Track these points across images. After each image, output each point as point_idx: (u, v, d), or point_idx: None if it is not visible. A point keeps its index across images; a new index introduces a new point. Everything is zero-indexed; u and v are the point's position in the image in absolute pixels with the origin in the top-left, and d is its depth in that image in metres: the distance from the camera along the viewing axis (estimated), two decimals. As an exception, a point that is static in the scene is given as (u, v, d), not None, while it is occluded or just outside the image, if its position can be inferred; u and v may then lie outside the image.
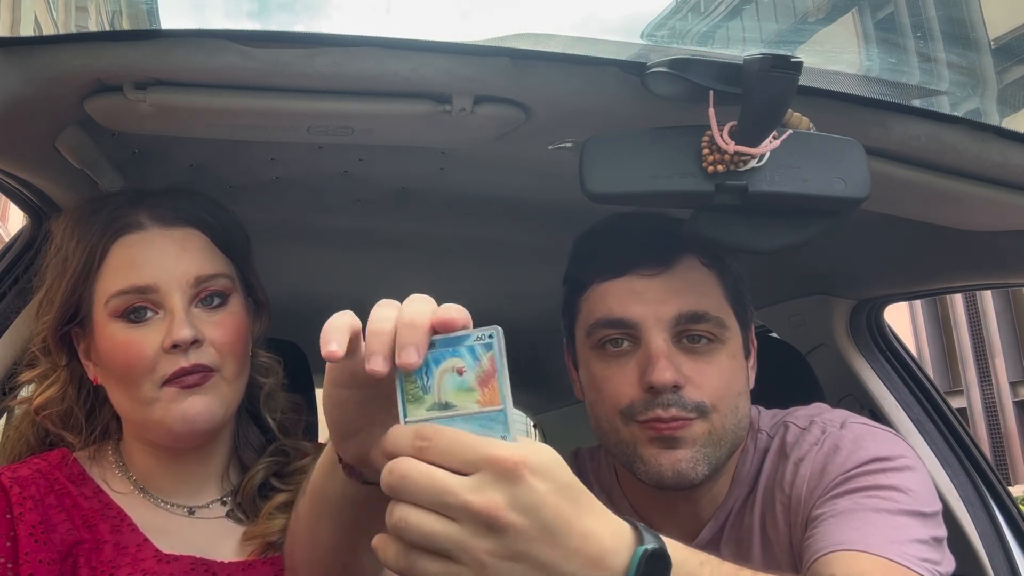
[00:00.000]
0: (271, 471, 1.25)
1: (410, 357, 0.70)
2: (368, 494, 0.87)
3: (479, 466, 0.67)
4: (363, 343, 0.74)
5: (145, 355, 1.12)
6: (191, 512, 1.21)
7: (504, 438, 0.69)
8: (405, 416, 0.72)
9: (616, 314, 1.22)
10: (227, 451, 1.26)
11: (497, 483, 0.67)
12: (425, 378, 0.72)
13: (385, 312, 0.74)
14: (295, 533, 1.04)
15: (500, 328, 0.70)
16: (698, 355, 1.21)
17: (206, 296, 1.17)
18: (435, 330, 0.72)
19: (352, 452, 0.86)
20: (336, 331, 0.74)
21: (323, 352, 0.73)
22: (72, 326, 1.19)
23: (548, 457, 0.69)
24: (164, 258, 1.16)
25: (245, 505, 1.23)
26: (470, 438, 0.68)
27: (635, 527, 0.74)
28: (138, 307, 1.14)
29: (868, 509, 1.10)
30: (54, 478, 1.15)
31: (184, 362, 1.12)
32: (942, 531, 1.14)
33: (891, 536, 1.07)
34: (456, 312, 0.72)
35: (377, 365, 0.71)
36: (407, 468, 0.68)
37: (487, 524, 0.66)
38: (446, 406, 0.71)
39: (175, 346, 1.12)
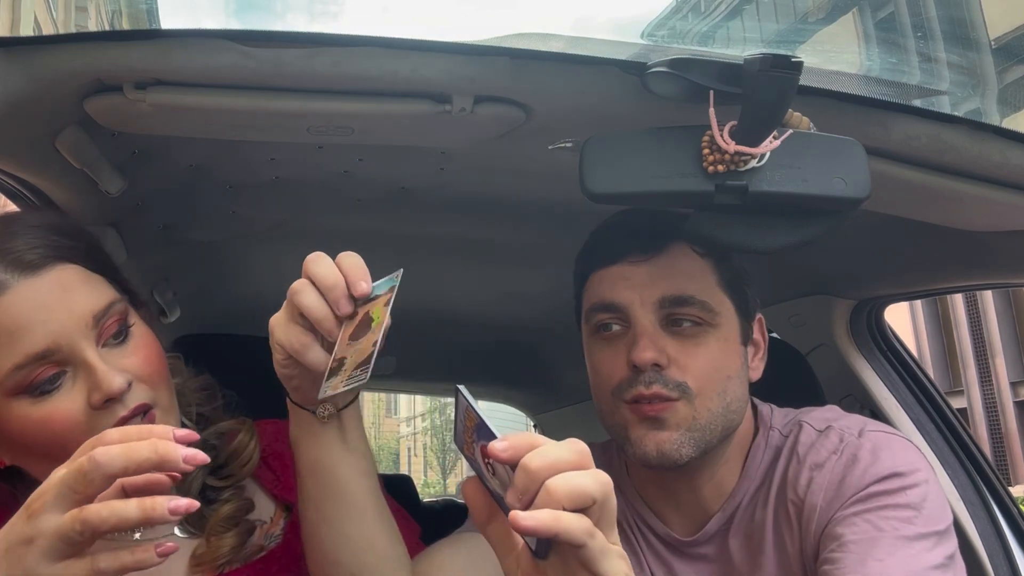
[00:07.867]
0: (205, 473, 1.15)
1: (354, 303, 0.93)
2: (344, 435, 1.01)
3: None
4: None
5: (75, 422, 0.97)
6: (137, 534, 1.08)
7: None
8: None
9: (607, 298, 1.26)
10: None
11: None
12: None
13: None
14: (312, 544, 1.05)
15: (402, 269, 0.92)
16: (684, 337, 1.23)
17: (110, 331, 1.03)
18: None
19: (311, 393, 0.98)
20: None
21: (358, 292, 0.92)
22: None
23: None
24: (47, 311, 0.98)
25: (191, 518, 1.13)
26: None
27: None
28: (43, 376, 0.98)
29: (887, 535, 1.12)
30: None
31: (123, 410, 0.99)
32: (954, 543, 1.16)
33: (910, 566, 1.09)
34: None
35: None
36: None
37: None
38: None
39: (108, 400, 0.98)
